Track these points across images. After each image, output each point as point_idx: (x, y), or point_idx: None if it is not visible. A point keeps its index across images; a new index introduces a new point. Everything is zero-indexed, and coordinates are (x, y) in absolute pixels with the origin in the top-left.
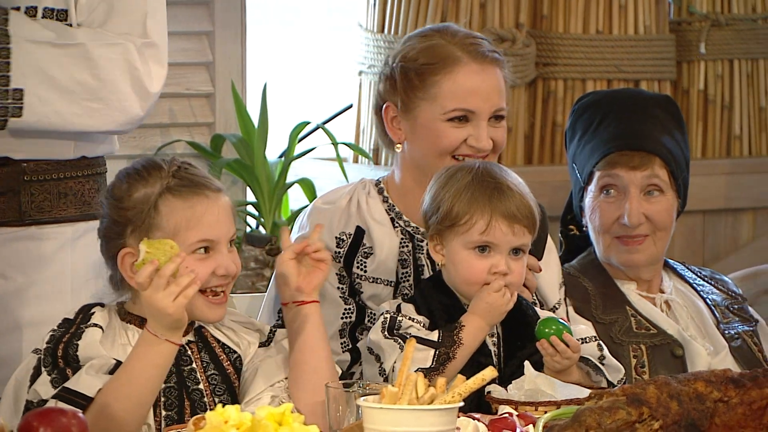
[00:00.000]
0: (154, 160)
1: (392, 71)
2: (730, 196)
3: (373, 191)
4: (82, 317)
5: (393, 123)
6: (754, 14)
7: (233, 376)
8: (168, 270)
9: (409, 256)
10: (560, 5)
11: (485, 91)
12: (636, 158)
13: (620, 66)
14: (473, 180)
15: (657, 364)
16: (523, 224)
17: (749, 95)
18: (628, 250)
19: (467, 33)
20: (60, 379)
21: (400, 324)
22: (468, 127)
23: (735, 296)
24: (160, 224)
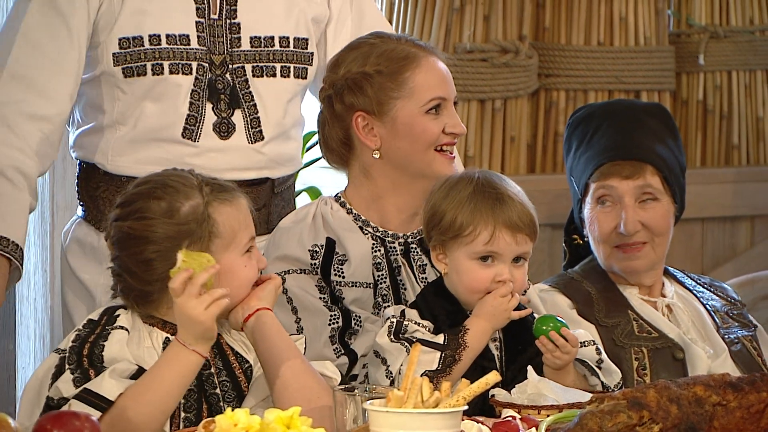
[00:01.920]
0: (173, 174)
1: (355, 82)
2: (728, 204)
3: (335, 205)
4: (107, 318)
5: (365, 131)
6: (752, 26)
7: (244, 384)
8: (201, 278)
9: (382, 260)
10: (562, 17)
11: (448, 78)
12: (627, 168)
13: (621, 77)
14: (474, 191)
15: (658, 366)
16: (525, 233)
17: (747, 106)
18: (628, 257)
19: (398, 35)
20: (82, 379)
21: (406, 328)
22: (443, 116)
23: (734, 302)
24: (218, 231)
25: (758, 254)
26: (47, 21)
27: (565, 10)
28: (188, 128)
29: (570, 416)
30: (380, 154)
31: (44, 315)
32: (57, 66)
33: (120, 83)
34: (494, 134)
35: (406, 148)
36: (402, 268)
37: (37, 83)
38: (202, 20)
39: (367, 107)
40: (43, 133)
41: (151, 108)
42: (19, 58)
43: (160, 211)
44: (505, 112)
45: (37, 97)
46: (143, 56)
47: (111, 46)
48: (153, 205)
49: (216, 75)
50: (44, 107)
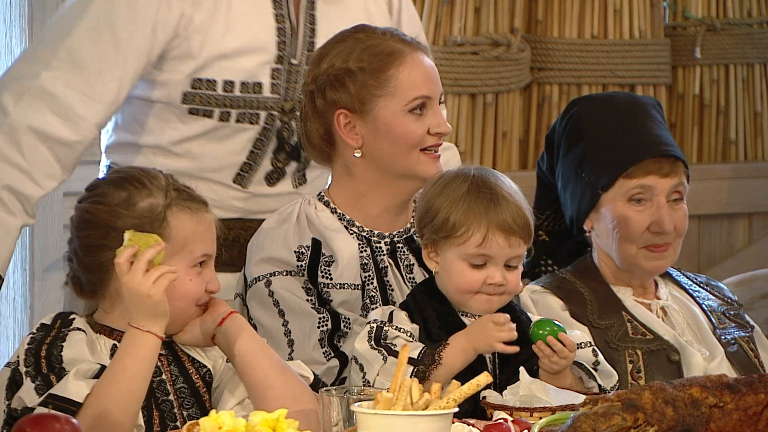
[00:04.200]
0: (147, 170)
1: (337, 78)
2: (725, 201)
3: (319, 204)
4: (62, 322)
5: (347, 128)
6: (750, 19)
7: (202, 389)
8: (148, 254)
9: (369, 260)
10: (555, 10)
11: (434, 76)
12: (666, 165)
13: (615, 71)
14: (469, 190)
15: (653, 369)
16: (519, 236)
17: (745, 100)
18: (657, 257)
19: (386, 28)
20: (44, 385)
21: (386, 334)
22: (427, 116)
23: (731, 302)
24: (169, 236)
25: (756, 252)
26: (96, 42)
27: (558, 2)
28: (241, 174)
29: (563, 418)
30: (362, 153)
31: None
32: (93, 92)
33: (181, 116)
34: (485, 129)
35: (388, 149)
36: (389, 269)
37: (67, 105)
38: (280, 66)
39: (348, 105)
40: (56, 155)
41: (206, 147)
42: (57, 73)
43: (118, 200)
44: (496, 107)
45: (60, 120)
46: (214, 101)
47: (182, 85)
48: (114, 193)
49: (284, 122)
50: (65, 131)
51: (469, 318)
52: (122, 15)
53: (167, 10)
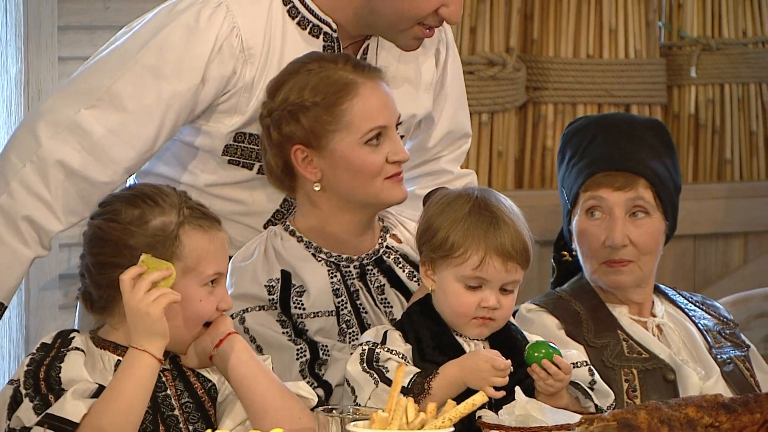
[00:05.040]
0: (160, 188)
1: (291, 113)
2: (721, 220)
3: (285, 234)
4: (62, 341)
5: (304, 163)
6: (745, 39)
7: (208, 404)
8: (153, 275)
9: (340, 285)
10: (550, 29)
11: (389, 103)
12: (620, 179)
13: (611, 90)
14: (471, 211)
15: (649, 388)
16: (517, 261)
17: (740, 119)
18: (613, 271)
19: (336, 55)
20: (42, 405)
21: (378, 356)
22: (384, 145)
23: (726, 321)
24: (182, 254)
25: (751, 272)
26: (141, 87)
27: (554, 22)
28: (272, 221)
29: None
30: (321, 186)
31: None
32: (129, 138)
33: (221, 164)
34: (481, 148)
35: (348, 181)
36: (360, 292)
37: (100, 146)
38: None
39: (304, 140)
40: (81, 193)
41: (241, 194)
42: (96, 113)
43: (130, 217)
44: (492, 126)
45: (92, 159)
46: (254, 156)
47: (226, 138)
48: (126, 211)
49: None
50: (94, 171)
51: (464, 338)
52: (171, 66)
53: (219, 66)
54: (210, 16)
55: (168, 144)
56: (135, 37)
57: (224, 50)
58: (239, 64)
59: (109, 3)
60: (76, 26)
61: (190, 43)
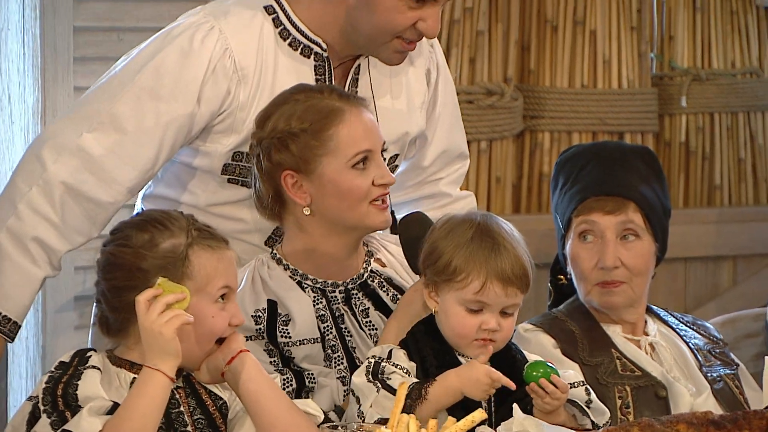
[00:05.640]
0: (168, 212)
1: (280, 141)
2: (711, 244)
3: (272, 263)
4: (79, 360)
5: (294, 188)
6: (734, 69)
7: (219, 420)
8: (167, 298)
9: (326, 311)
10: (547, 60)
11: (373, 129)
12: (610, 203)
13: (605, 119)
14: (473, 237)
15: (641, 405)
16: (516, 286)
17: (729, 147)
18: (606, 292)
19: (321, 86)
20: (59, 421)
21: (383, 369)
22: (370, 169)
23: (716, 341)
24: (192, 274)
25: (740, 293)
26: (140, 110)
27: (550, 53)
28: (272, 238)
29: None
30: (311, 211)
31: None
32: (130, 158)
33: (221, 183)
34: (480, 175)
35: (336, 204)
36: (345, 316)
37: (102, 167)
38: None
39: (293, 165)
40: (87, 213)
41: (242, 212)
42: (98, 135)
43: (141, 242)
44: (490, 153)
45: (95, 180)
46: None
47: (224, 157)
48: (137, 236)
49: None
50: (98, 192)
51: (465, 358)
52: (168, 88)
53: (213, 87)
54: (203, 39)
55: (169, 166)
56: (133, 62)
57: (218, 71)
58: (233, 84)
59: (123, 35)
60: (91, 57)
61: (184, 65)
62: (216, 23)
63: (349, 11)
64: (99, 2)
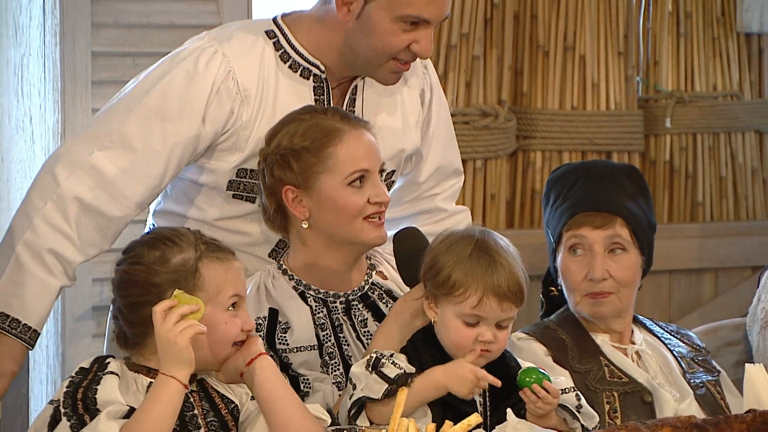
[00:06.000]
0: (176, 229)
1: (283, 157)
2: (694, 258)
3: (277, 273)
4: (98, 366)
5: (294, 203)
6: (715, 92)
7: (231, 423)
8: (182, 309)
9: (326, 320)
10: (538, 83)
11: (372, 150)
12: (598, 218)
13: (593, 139)
14: (472, 253)
15: (628, 409)
16: (511, 301)
17: (711, 166)
18: (595, 303)
19: (326, 107)
20: (78, 424)
21: (383, 363)
22: (366, 188)
23: (699, 349)
24: (203, 285)
25: (721, 304)
26: (148, 129)
27: (541, 77)
28: (276, 250)
29: None
30: (309, 224)
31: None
32: (139, 175)
33: (226, 199)
34: (475, 192)
35: (332, 219)
36: (344, 326)
37: (113, 183)
38: None
39: (294, 181)
40: (98, 226)
41: (247, 226)
42: (108, 153)
43: (153, 258)
44: (485, 172)
45: (106, 195)
46: (256, 189)
47: (229, 174)
48: (148, 253)
49: None
50: (108, 207)
51: None
52: (174, 109)
53: (218, 107)
54: (207, 62)
55: (177, 183)
56: (141, 85)
57: (221, 92)
58: (236, 104)
59: (138, 60)
60: (108, 81)
61: (190, 87)
62: (220, 47)
63: (348, 35)
64: (115, 29)
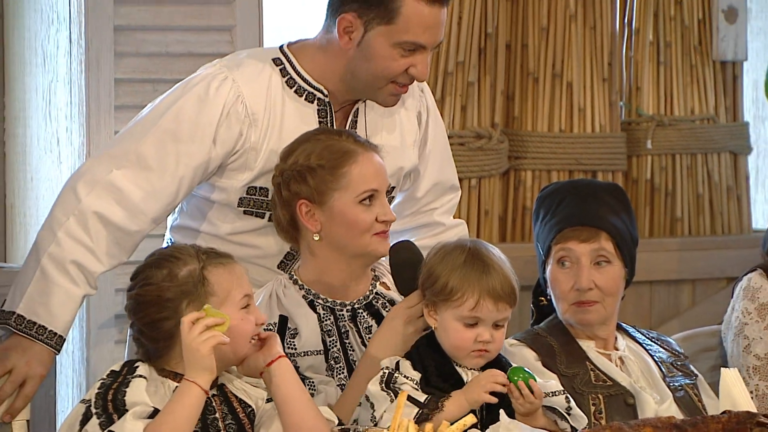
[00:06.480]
0: (175, 246)
1: (299, 173)
2: (673, 269)
3: (288, 283)
4: (128, 369)
5: (307, 216)
6: (693, 116)
7: (247, 426)
8: (208, 320)
9: (333, 327)
10: (529, 108)
11: (382, 172)
12: (585, 233)
13: (580, 159)
14: (466, 261)
15: (612, 411)
16: (506, 301)
17: (689, 184)
18: (582, 311)
19: (340, 130)
20: (107, 422)
21: (396, 379)
22: (375, 206)
23: (678, 354)
24: (213, 290)
25: (698, 313)
26: (162, 149)
27: (531, 102)
28: (285, 262)
29: None
30: (320, 237)
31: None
32: (154, 191)
33: (237, 215)
34: (470, 208)
35: (343, 234)
36: (350, 332)
37: (130, 199)
38: None
39: (308, 196)
40: (117, 240)
41: (257, 240)
42: (126, 172)
43: (161, 276)
44: (479, 189)
45: (123, 211)
46: (265, 206)
47: (239, 192)
48: (156, 273)
49: None
50: (125, 221)
51: (462, 368)
52: (187, 131)
53: (227, 129)
54: (218, 87)
55: (191, 200)
56: (156, 109)
57: (231, 116)
58: (245, 127)
59: (157, 86)
60: (130, 106)
61: (201, 110)
62: (229, 74)
63: (349, 61)
64: (137, 57)
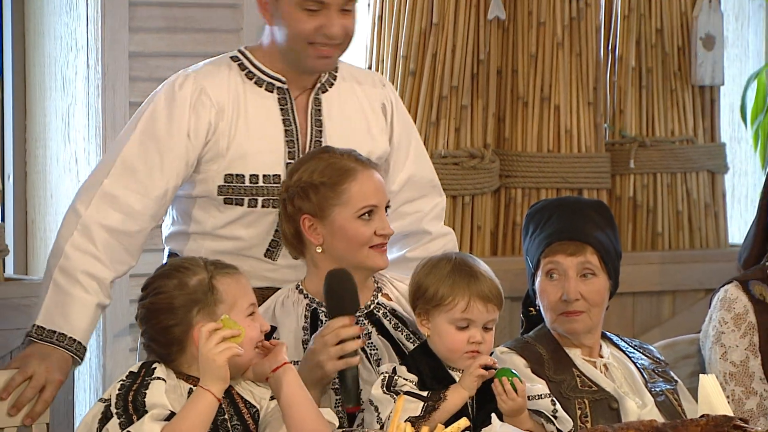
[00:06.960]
0: (184, 258)
1: (303, 190)
2: (654, 281)
3: (295, 293)
4: (146, 371)
5: (310, 230)
6: (673, 137)
7: (252, 426)
8: (224, 332)
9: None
10: (519, 130)
11: (381, 188)
12: (571, 247)
13: (567, 178)
14: (453, 269)
15: (597, 415)
16: (494, 303)
17: (669, 201)
18: (569, 320)
19: (343, 150)
20: (127, 423)
21: (396, 382)
22: (374, 221)
23: (659, 361)
24: (221, 299)
25: (678, 322)
26: (144, 150)
27: (521, 124)
28: (270, 250)
29: None
30: (322, 249)
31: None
32: (145, 190)
33: (219, 206)
34: (464, 224)
35: (343, 247)
36: None
37: (125, 203)
38: (291, 161)
39: (311, 211)
40: (122, 244)
41: (241, 231)
42: (115, 179)
43: (172, 286)
44: (472, 206)
45: (122, 215)
46: (243, 192)
47: (217, 179)
48: (167, 283)
49: None
50: (127, 224)
51: (455, 372)
52: (163, 127)
53: (197, 120)
54: (181, 84)
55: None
56: (132, 120)
57: (197, 107)
58: (212, 116)
59: None
60: None
61: (171, 107)
62: (191, 73)
63: (273, 35)
64: (150, 82)
